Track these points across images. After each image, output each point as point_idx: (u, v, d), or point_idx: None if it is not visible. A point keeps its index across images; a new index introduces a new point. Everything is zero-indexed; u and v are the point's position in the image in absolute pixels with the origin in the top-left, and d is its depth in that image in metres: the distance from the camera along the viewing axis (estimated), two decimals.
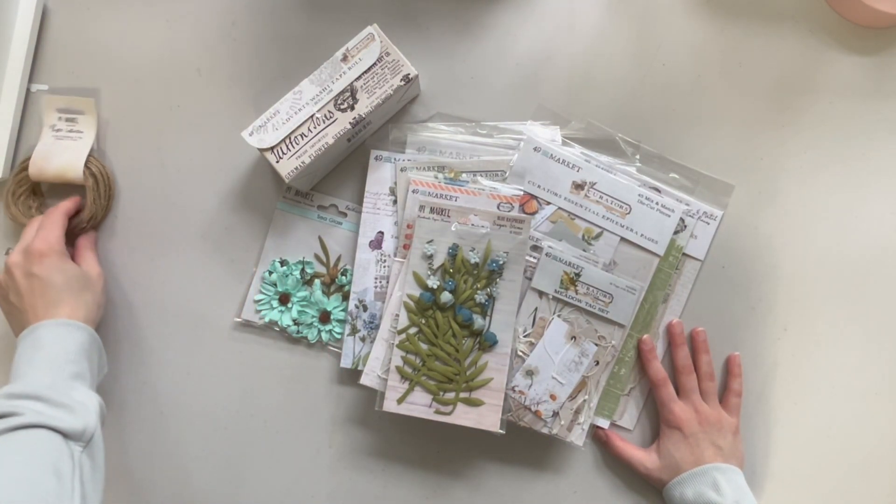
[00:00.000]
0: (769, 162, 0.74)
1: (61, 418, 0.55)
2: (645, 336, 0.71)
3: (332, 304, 0.72)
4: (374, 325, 0.71)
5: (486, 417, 0.66)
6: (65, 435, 0.54)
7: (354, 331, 0.71)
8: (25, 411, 0.54)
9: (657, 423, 0.72)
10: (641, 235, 0.69)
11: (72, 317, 0.63)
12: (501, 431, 0.66)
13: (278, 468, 0.73)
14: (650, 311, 0.70)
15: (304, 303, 0.73)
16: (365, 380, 0.68)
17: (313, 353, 0.73)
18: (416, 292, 0.67)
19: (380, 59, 0.67)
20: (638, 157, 0.72)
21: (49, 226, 0.66)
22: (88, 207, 0.71)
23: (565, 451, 0.72)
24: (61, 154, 0.71)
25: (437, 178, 0.70)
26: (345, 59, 0.67)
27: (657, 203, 0.69)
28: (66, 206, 0.70)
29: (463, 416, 0.67)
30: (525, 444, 0.72)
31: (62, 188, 0.73)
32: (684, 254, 0.71)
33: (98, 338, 0.65)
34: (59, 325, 0.61)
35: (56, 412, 0.55)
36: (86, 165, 0.71)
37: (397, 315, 0.68)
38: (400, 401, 0.67)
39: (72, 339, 0.61)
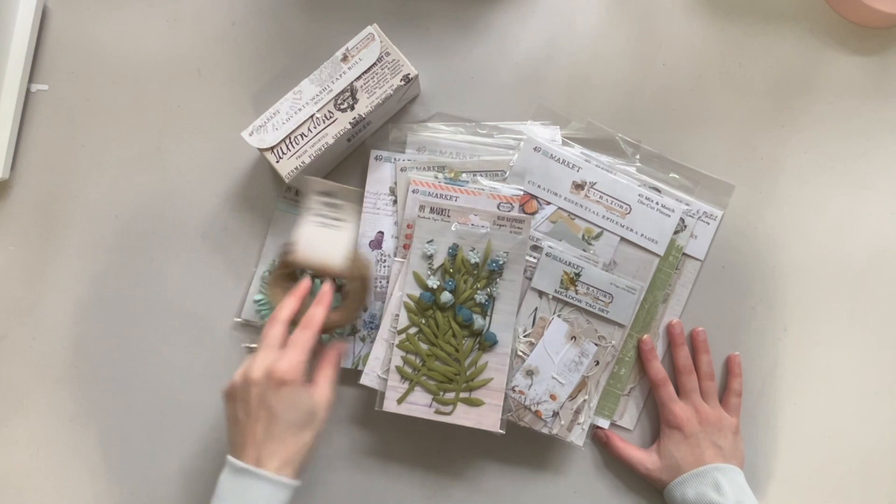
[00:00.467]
0: (769, 162, 0.74)
1: None
2: (645, 336, 0.71)
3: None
4: (374, 325, 0.71)
5: (486, 417, 0.66)
6: None
7: (354, 331, 0.71)
8: None
9: (657, 423, 0.72)
10: (641, 235, 0.69)
11: (284, 466, 0.58)
12: (502, 431, 0.66)
13: None
14: (650, 311, 0.70)
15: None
16: (365, 380, 0.68)
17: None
18: (417, 292, 0.67)
19: (380, 59, 0.67)
20: (638, 157, 0.72)
21: (299, 347, 0.60)
22: (347, 312, 0.67)
23: (565, 451, 0.72)
24: (324, 243, 0.67)
25: (437, 178, 0.70)
26: (345, 59, 0.67)
27: (657, 203, 0.69)
28: (319, 319, 0.62)
29: (463, 417, 0.66)
30: (525, 444, 0.72)
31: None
32: (684, 254, 0.71)
33: (299, 485, 0.60)
34: (269, 488, 0.57)
35: None
36: (348, 261, 0.67)
37: (397, 315, 0.68)
38: (400, 401, 0.67)
39: (277, 502, 0.58)
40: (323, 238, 0.68)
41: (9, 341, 0.74)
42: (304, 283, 0.65)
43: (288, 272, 0.69)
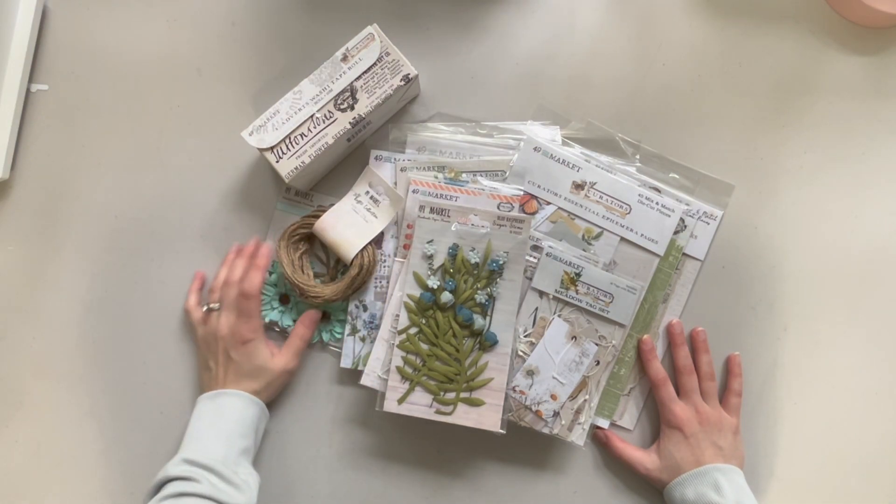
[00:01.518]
0: (769, 162, 0.74)
1: (230, 494, 0.62)
2: (645, 336, 0.71)
3: (333, 303, 0.72)
4: (373, 325, 0.71)
5: (486, 417, 0.66)
6: None
7: (354, 331, 0.71)
8: (202, 480, 0.61)
9: (657, 423, 0.72)
10: (641, 235, 0.69)
11: (252, 392, 0.69)
12: (502, 431, 0.66)
13: (278, 468, 0.73)
14: (650, 310, 0.70)
15: (305, 303, 0.73)
16: (365, 380, 0.68)
17: (313, 353, 0.73)
18: (417, 292, 0.67)
19: (380, 59, 0.67)
20: (638, 157, 0.72)
21: (252, 315, 0.69)
22: (339, 291, 0.69)
23: (565, 451, 0.72)
24: (347, 228, 0.70)
25: (436, 178, 0.70)
26: (345, 58, 0.67)
27: (657, 203, 0.69)
28: (257, 285, 0.69)
29: (464, 417, 0.66)
30: (525, 444, 0.72)
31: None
32: (684, 254, 0.71)
33: (266, 410, 0.70)
34: (240, 398, 0.68)
35: (227, 488, 0.62)
36: (360, 252, 0.69)
37: (397, 315, 0.68)
38: (401, 401, 0.67)
39: (248, 412, 0.68)
40: (350, 222, 0.70)
41: (9, 341, 0.74)
42: (251, 246, 0.72)
43: (303, 233, 0.71)
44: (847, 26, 0.74)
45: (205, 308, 0.71)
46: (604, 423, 0.71)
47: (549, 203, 0.69)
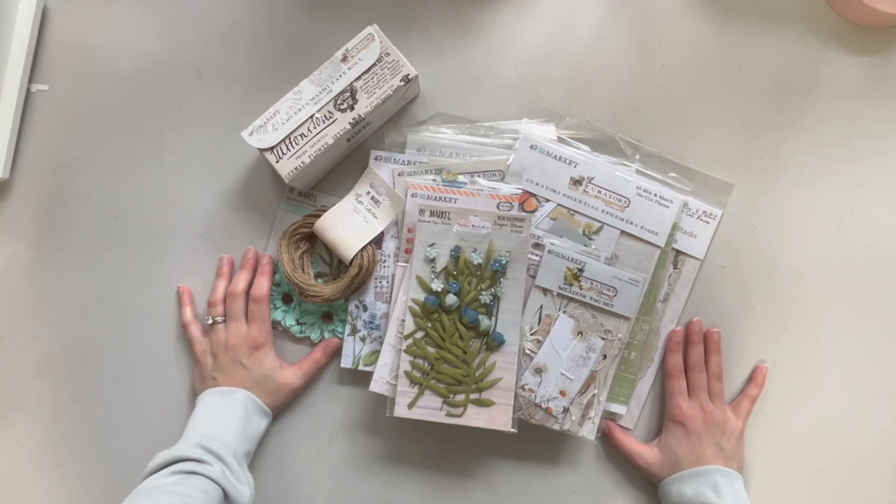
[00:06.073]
0: (769, 162, 0.74)
1: (237, 488, 0.63)
2: (677, 328, 0.71)
3: (335, 303, 0.72)
4: (373, 325, 0.71)
5: (497, 417, 0.66)
6: (229, 500, 0.63)
7: (354, 331, 0.71)
8: (215, 465, 0.62)
9: (660, 423, 0.72)
10: (641, 227, 0.69)
11: (263, 401, 0.70)
12: (513, 430, 0.66)
13: (278, 468, 0.73)
14: (652, 290, 0.70)
15: (306, 302, 0.73)
16: (374, 387, 0.68)
17: None
18: (421, 296, 0.67)
19: (380, 60, 0.67)
20: (638, 157, 0.72)
21: (260, 318, 0.70)
22: (339, 290, 0.69)
23: (575, 445, 0.72)
24: (347, 227, 0.70)
25: (434, 181, 0.70)
26: (345, 59, 0.67)
27: (655, 195, 0.69)
28: (265, 290, 0.71)
29: (474, 418, 0.66)
30: (529, 440, 0.72)
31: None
32: (684, 254, 0.71)
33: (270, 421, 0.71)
34: (257, 405, 0.69)
35: (235, 481, 0.63)
36: (359, 252, 0.69)
37: (403, 320, 0.68)
38: (411, 405, 0.67)
39: (260, 422, 0.69)
40: (351, 222, 0.70)
41: (9, 341, 0.74)
42: (251, 258, 0.73)
43: (304, 232, 0.71)
44: (847, 26, 0.74)
45: (209, 322, 0.71)
46: (620, 408, 0.71)
47: (548, 200, 0.69)
